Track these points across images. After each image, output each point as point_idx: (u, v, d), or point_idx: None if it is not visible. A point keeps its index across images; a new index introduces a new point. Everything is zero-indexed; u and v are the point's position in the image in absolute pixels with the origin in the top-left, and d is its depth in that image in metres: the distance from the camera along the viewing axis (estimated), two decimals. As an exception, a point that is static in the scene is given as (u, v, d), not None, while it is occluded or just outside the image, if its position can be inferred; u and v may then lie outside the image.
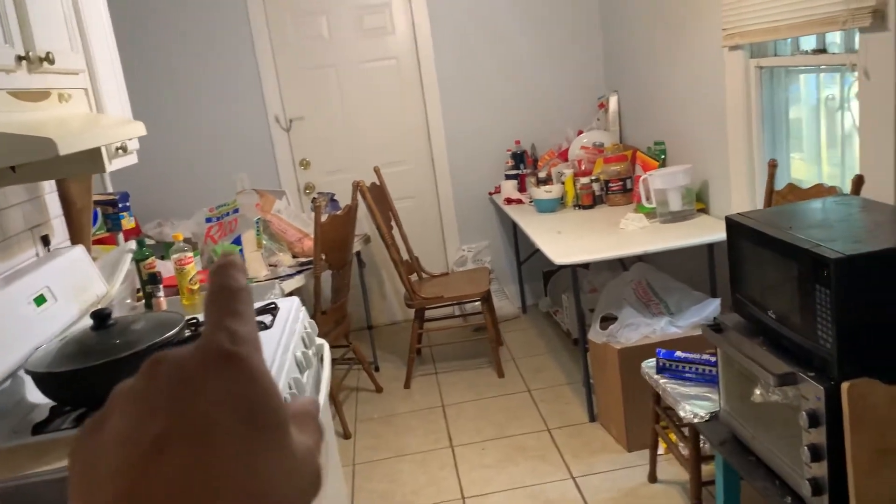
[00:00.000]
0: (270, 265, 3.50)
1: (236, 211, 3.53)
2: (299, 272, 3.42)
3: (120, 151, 2.07)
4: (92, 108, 2.01)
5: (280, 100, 4.46)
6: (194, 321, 1.86)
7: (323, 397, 1.89)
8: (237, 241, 3.42)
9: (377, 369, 4.09)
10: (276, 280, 3.01)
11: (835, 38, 2.49)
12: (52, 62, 1.69)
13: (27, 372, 1.52)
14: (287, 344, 1.86)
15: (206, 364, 0.29)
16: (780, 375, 1.64)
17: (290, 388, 1.68)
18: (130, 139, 2.03)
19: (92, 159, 1.96)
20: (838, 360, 1.50)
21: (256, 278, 3.29)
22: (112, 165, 2.04)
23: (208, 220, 3.53)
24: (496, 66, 4.52)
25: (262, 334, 1.92)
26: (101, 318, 1.59)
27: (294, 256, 3.65)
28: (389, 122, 4.56)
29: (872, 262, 1.47)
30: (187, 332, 1.71)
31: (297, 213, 3.86)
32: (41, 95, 1.71)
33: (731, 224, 1.90)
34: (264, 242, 3.58)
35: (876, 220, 1.71)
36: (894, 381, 1.49)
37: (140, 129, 1.94)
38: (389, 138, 4.58)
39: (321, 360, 2.09)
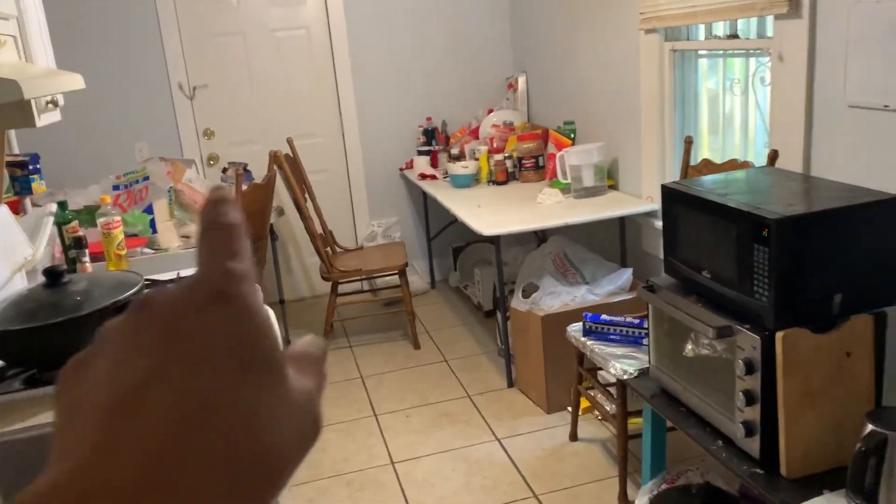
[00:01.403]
0: (183, 236, 3.38)
1: (146, 179, 3.38)
2: (215, 243, 3.32)
3: (50, 106, 1.95)
4: (21, 57, 1.88)
5: (184, 66, 4.29)
6: (150, 282, 1.79)
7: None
8: (148, 211, 3.29)
9: (289, 343, 4.04)
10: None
11: (742, 25, 2.69)
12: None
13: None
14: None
15: (197, 303, 0.27)
16: (718, 328, 1.78)
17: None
18: (69, 91, 1.92)
19: (23, 112, 1.84)
20: (774, 312, 1.66)
21: (170, 248, 3.17)
22: (41, 120, 1.92)
23: (115, 187, 3.37)
24: (408, 43, 4.54)
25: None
26: (54, 275, 1.51)
27: (206, 228, 3.54)
28: (299, 94, 4.49)
29: (806, 222, 1.63)
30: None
31: (207, 183, 3.74)
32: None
33: (668, 191, 2.03)
34: (175, 212, 3.45)
35: (800, 187, 1.89)
36: (820, 330, 1.66)
37: (79, 81, 1.84)
38: (299, 110, 4.51)
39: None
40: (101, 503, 0.23)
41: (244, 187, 3.20)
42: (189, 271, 2.09)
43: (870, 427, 1.55)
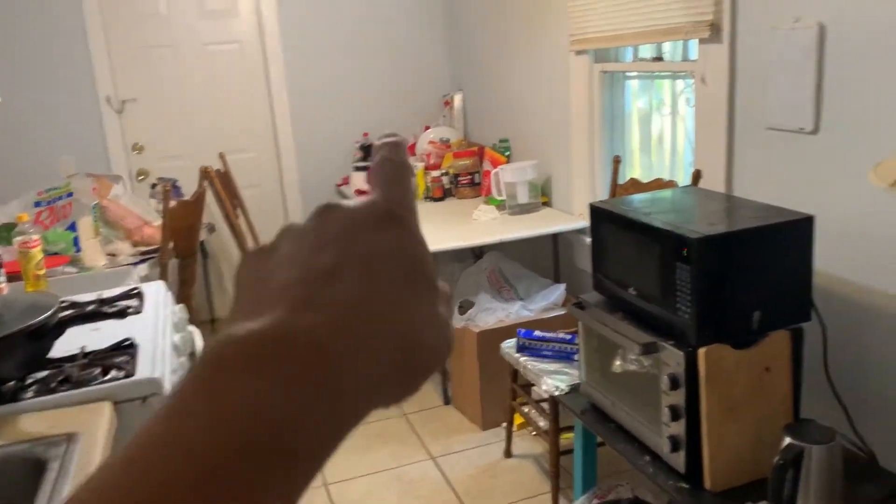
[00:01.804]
0: (109, 254, 3.27)
1: (70, 195, 3.28)
2: (143, 261, 3.23)
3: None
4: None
5: (112, 79, 4.17)
6: (68, 304, 1.73)
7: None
8: (72, 228, 3.18)
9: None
10: (131, 266, 2.84)
11: (668, 48, 2.77)
12: None
13: None
14: (164, 329, 1.78)
15: (376, 218, 0.32)
16: (644, 344, 1.81)
17: (175, 372, 1.62)
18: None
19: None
20: (696, 329, 1.70)
21: (95, 268, 3.07)
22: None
23: (37, 203, 3.25)
24: (344, 59, 4.52)
25: (135, 318, 1.82)
26: (-40, 299, 1.44)
27: (134, 245, 3.44)
28: (232, 108, 4.42)
29: (725, 241, 1.68)
30: (63, 315, 1.59)
31: (136, 199, 3.64)
32: None
33: (596, 210, 2.07)
34: (101, 230, 3.35)
35: (720, 206, 1.94)
36: (740, 346, 1.71)
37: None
38: (232, 125, 4.43)
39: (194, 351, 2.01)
40: (303, 339, 0.28)
41: (172, 203, 3.13)
42: (112, 292, 2.00)
43: (787, 440, 1.60)
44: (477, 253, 3.86)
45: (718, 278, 1.68)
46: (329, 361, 0.28)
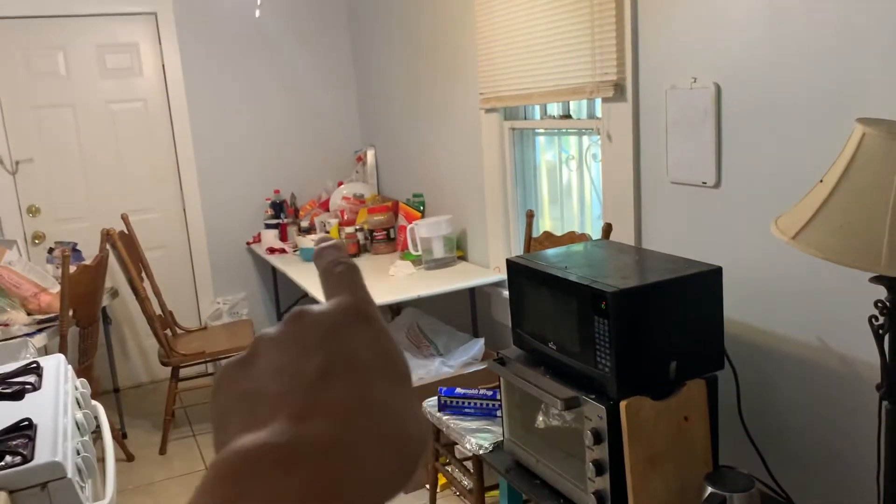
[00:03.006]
0: (1, 324, 3.07)
1: (-43, 263, 3.06)
2: (40, 331, 3.04)
3: None
4: None
5: (5, 139, 3.97)
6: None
7: (110, 469, 1.70)
8: (-41, 298, 2.96)
9: (125, 436, 3.74)
10: (27, 337, 2.65)
11: (574, 105, 2.87)
12: None
13: None
14: (65, 406, 1.66)
15: (350, 319, 0.33)
16: (566, 399, 1.82)
17: (80, 453, 1.50)
18: None
19: None
20: (617, 381, 1.71)
21: (-15, 340, 2.86)
22: None
23: (-80, 273, 3.02)
24: (253, 115, 4.47)
25: (33, 396, 1.70)
26: None
27: (29, 314, 3.24)
28: (136, 167, 4.28)
29: (641, 294, 1.72)
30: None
31: (31, 266, 3.44)
32: None
33: (512, 266, 2.08)
34: (-8, 298, 3.13)
35: (632, 260, 1.99)
36: (659, 397, 1.74)
37: None
38: (135, 184, 4.29)
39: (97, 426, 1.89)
40: (310, 448, 0.28)
41: (72, 269, 2.97)
42: (8, 367, 1.86)
43: (709, 489, 1.63)
44: (395, 309, 3.83)
45: (635, 330, 1.72)
46: (337, 468, 0.28)
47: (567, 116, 2.87)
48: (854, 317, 1.79)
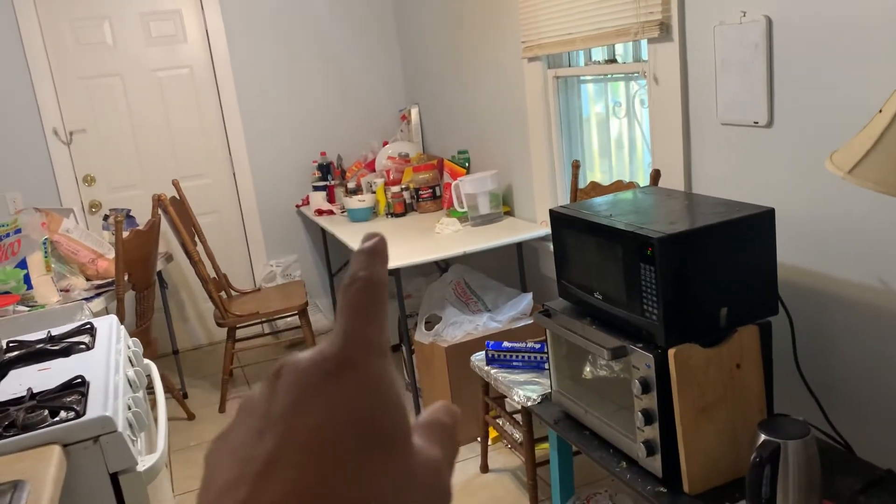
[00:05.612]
0: (62, 290, 3.17)
1: (18, 231, 3.17)
2: (98, 295, 3.13)
3: None
4: None
5: (59, 111, 4.06)
6: (14, 344, 1.64)
7: (162, 423, 1.74)
8: (22, 265, 3.07)
9: (185, 396, 3.85)
10: (83, 301, 2.74)
11: (621, 49, 2.77)
12: None
13: None
14: (117, 364, 1.70)
15: (325, 373, 0.28)
16: (613, 349, 1.78)
17: (131, 408, 1.54)
18: None
19: None
20: (664, 329, 1.67)
21: (46, 305, 2.97)
22: None
23: (-17, 242, 3.13)
24: (297, 78, 4.47)
25: (86, 355, 1.74)
26: None
27: (88, 279, 3.34)
28: (184, 135, 4.33)
29: (689, 239, 1.66)
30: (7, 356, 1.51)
31: (88, 233, 3.53)
32: None
33: (556, 216, 2.04)
34: (53, 265, 3.24)
35: (681, 205, 1.93)
36: (709, 344, 1.69)
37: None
38: (185, 151, 4.35)
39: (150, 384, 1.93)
40: None
41: (126, 234, 3.04)
42: (63, 328, 1.92)
43: (763, 437, 1.57)
44: (442, 266, 3.82)
45: (683, 277, 1.66)
46: None
47: (612, 61, 2.77)
48: (918, 257, 1.70)
